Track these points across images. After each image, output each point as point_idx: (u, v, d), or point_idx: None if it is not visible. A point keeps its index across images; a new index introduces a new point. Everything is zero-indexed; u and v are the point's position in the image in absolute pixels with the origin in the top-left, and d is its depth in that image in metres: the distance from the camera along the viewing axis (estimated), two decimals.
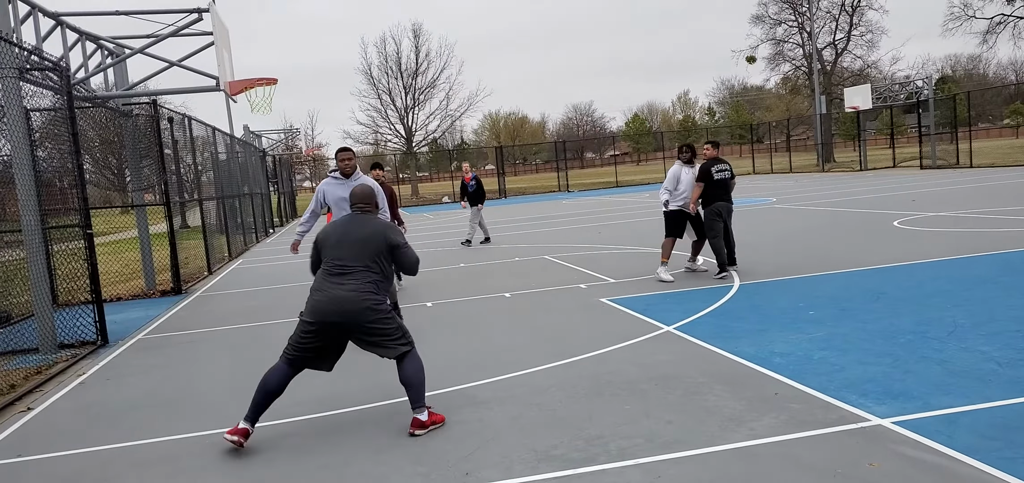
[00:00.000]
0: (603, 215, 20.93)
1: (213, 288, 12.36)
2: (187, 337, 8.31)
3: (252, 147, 25.91)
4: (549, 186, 44.24)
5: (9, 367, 7.19)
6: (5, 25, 8.29)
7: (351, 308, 4.39)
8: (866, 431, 3.94)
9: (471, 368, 5.82)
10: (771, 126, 54.71)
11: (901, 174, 29.15)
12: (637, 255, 11.66)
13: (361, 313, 4.40)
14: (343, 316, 4.41)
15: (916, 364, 4.98)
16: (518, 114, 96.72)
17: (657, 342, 6.14)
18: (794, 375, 4.94)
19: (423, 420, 4.48)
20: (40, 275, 7.86)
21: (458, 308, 8.58)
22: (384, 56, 51.12)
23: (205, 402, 5.58)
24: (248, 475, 4.10)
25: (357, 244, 4.53)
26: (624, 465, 3.77)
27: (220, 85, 11.57)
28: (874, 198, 18.56)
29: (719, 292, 8.05)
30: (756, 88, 78.57)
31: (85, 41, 11.29)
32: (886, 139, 45.78)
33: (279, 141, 40.87)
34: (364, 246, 4.53)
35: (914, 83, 35.06)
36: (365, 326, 4.44)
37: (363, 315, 4.41)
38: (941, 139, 32.06)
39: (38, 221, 7.87)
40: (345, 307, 4.39)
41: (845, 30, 48.79)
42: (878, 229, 12.40)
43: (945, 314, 6.25)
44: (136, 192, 13.36)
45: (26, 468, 4.56)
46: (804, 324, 6.32)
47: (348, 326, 4.45)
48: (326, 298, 4.43)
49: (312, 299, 4.49)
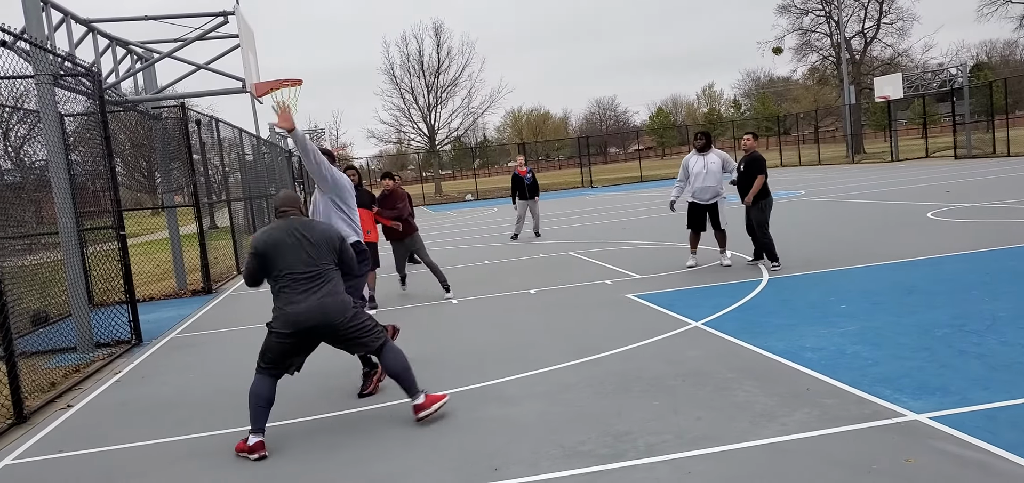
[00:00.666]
0: (627, 211, 20.81)
1: (242, 287, 12.54)
2: (218, 336, 8.44)
3: (278, 148, 26.19)
4: (572, 182, 44.11)
5: (49, 365, 7.37)
6: (40, 32, 8.47)
7: (334, 312, 4.42)
8: (901, 427, 3.87)
9: (498, 364, 5.82)
10: (798, 118, 53.95)
11: (934, 164, 28.55)
12: (662, 250, 11.58)
13: (342, 316, 4.45)
14: (326, 321, 4.41)
15: (953, 358, 4.87)
16: (540, 110, 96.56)
17: (685, 338, 6.09)
18: (826, 370, 4.87)
19: (421, 403, 4.57)
20: (76, 276, 8.04)
21: (483, 305, 8.60)
22: (406, 55, 51.25)
23: (237, 400, 5.64)
24: (280, 471, 4.15)
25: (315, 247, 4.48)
26: (653, 461, 3.75)
27: (246, 87, 11.71)
28: (906, 189, 18.21)
29: (747, 287, 7.96)
30: (783, 79, 77.48)
31: (115, 46, 11.50)
32: (918, 129, 44.92)
33: None
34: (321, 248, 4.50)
35: (947, 71, 34.30)
36: (345, 327, 4.48)
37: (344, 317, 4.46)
38: (976, 128, 31.33)
39: (74, 223, 8.04)
40: (329, 312, 4.40)
41: (874, 18, 47.97)
42: (911, 221, 12.16)
43: (983, 307, 6.11)
44: (166, 194, 13.59)
45: (67, 464, 4.67)
46: (835, 318, 6.22)
47: (328, 330, 4.46)
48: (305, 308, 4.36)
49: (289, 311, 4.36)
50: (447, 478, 3.81)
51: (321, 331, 4.45)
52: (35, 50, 7.64)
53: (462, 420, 4.64)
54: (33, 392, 6.19)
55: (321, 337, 4.52)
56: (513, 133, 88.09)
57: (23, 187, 10.05)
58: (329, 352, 5.60)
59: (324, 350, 5.58)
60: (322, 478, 4.00)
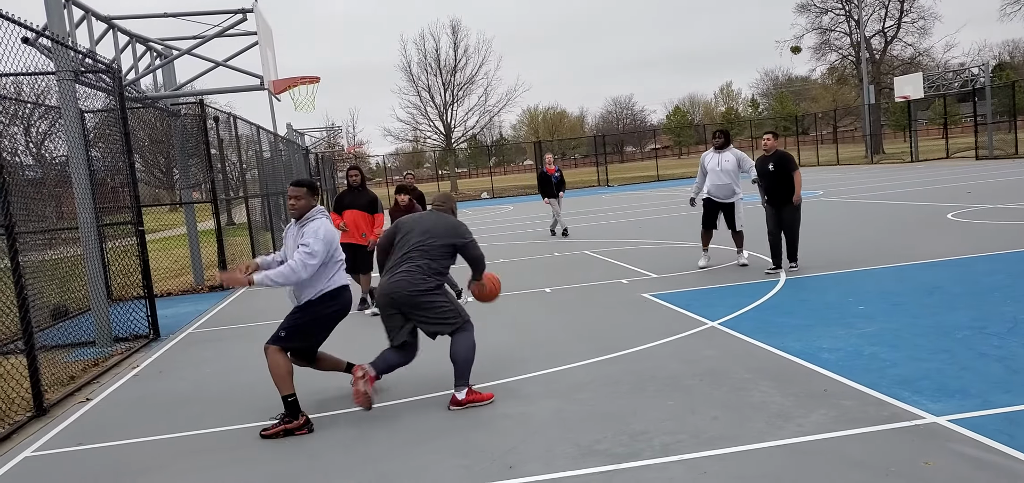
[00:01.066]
0: (643, 210, 20.72)
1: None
2: (235, 331, 8.51)
3: (295, 145, 26.36)
4: (588, 181, 43.99)
5: (69, 359, 7.46)
6: (61, 29, 8.58)
7: (403, 292, 4.80)
8: (920, 429, 3.81)
9: (513, 362, 5.82)
10: (817, 117, 53.47)
11: (955, 165, 28.17)
12: (679, 250, 11.51)
13: (412, 296, 4.79)
14: (397, 299, 4.81)
15: (974, 361, 4.80)
16: (556, 109, 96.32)
17: (701, 337, 6.05)
18: (843, 371, 4.81)
19: (460, 398, 4.71)
20: (96, 271, 8.13)
21: (499, 303, 8.52)
22: (423, 53, 51.41)
23: (253, 395, 5.69)
24: (293, 466, 4.18)
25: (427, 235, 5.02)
26: (668, 461, 3.72)
27: (264, 84, 11.79)
28: (926, 190, 17.98)
29: (765, 287, 7.89)
30: (801, 79, 76.75)
31: (135, 43, 11.62)
32: (939, 129, 44.33)
33: (321, 139, 41.52)
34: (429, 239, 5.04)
35: (969, 70, 33.81)
36: (420, 306, 4.82)
37: (415, 297, 4.80)
38: (999, 128, 30.90)
39: (93, 219, 8.14)
40: (399, 292, 4.80)
41: (895, 17, 47.41)
42: (931, 222, 12.01)
43: (1004, 309, 6.02)
44: (184, 190, 13.71)
45: (85, 456, 4.73)
46: (853, 319, 6.16)
47: (404, 307, 4.83)
48: (381, 284, 4.92)
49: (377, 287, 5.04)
50: (461, 475, 3.82)
51: (397, 306, 4.84)
52: (57, 47, 7.73)
53: (477, 418, 4.64)
54: (52, 385, 6.28)
55: (399, 312, 4.86)
56: (529, 131, 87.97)
57: (44, 182, 10.19)
58: (347, 348, 5.63)
59: (341, 346, 5.61)
60: (335, 475, 4.02)
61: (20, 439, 5.17)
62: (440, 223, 5.03)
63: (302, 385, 4.94)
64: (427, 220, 5.07)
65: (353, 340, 6.56)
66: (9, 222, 5.57)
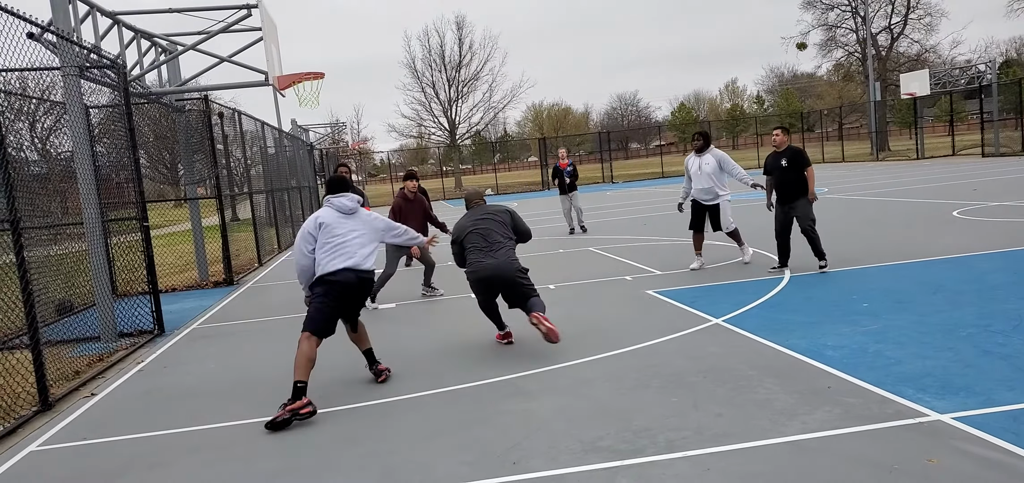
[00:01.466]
0: (648, 206, 20.69)
1: (264, 279, 12.66)
2: (239, 327, 8.53)
3: (300, 141, 26.39)
4: (593, 177, 43.91)
5: (74, 354, 7.49)
6: (66, 24, 8.59)
7: (504, 269, 5.99)
8: (924, 426, 3.80)
9: (517, 359, 5.82)
10: (822, 114, 53.26)
11: (961, 162, 28.05)
12: (683, 246, 11.48)
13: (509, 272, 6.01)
14: (498, 275, 5.98)
15: (978, 358, 4.78)
16: (561, 105, 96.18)
17: (705, 334, 6.04)
18: (848, 368, 4.80)
19: (538, 316, 5.75)
20: (101, 266, 8.16)
21: (501, 300, 8.56)
22: (428, 49, 51.39)
23: (257, 390, 5.70)
24: (297, 461, 4.18)
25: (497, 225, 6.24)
26: (672, 457, 3.72)
27: (269, 80, 11.81)
28: (932, 187, 17.91)
29: (769, 284, 7.87)
30: (807, 75, 76.44)
31: (140, 39, 11.64)
32: (945, 126, 44.17)
33: (326, 135, 41.55)
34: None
35: (976, 67, 33.65)
36: (514, 280, 5.99)
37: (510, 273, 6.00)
38: (1005, 125, 30.78)
39: (98, 214, 8.16)
40: (501, 269, 5.98)
41: (901, 14, 47.11)
42: (936, 219, 11.96)
43: (1010, 306, 5.99)
44: (189, 186, 13.74)
45: (91, 450, 4.75)
46: (858, 317, 6.14)
47: (500, 283, 6.02)
48: (482, 265, 6.01)
49: (473, 268, 6.08)
50: (465, 471, 3.82)
51: (495, 283, 6.00)
52: (62, 42, 7.75)
53: (481, 414, 4.64)
54: (58, 380, 6.30)
55: (497, 288, 6.05)
56: (534, 128, 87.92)
57: (49, 178, 10.23)
58: (346, 348, 5.64)
59: (345, 342, 5.62)
60: (340, 470, 4.02)
61: (25, 434, 5.20)
62: (492, 209, 6.29)
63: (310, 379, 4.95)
64: (484, 210, 6.30)
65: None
66: (14, 217, 5.59)
